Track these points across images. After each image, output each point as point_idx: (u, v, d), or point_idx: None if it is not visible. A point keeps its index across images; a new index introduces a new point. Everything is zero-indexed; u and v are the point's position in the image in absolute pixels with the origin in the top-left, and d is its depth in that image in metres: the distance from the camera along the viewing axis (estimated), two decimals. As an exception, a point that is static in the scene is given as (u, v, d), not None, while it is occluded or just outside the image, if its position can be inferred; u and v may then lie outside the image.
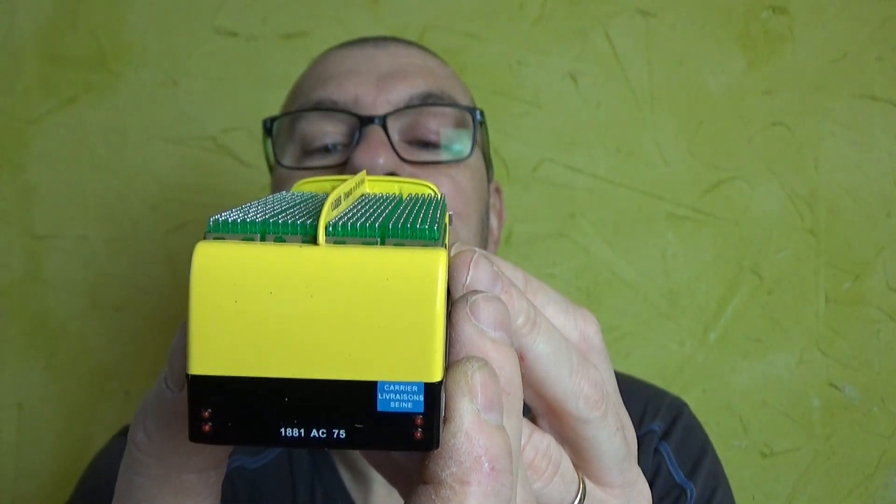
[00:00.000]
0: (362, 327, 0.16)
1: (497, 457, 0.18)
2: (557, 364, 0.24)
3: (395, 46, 0.61)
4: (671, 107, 0.88)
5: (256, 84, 0.89)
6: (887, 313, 0.86)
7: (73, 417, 0.88)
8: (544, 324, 0.24)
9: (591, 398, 0.24)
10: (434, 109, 0.56)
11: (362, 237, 0.17)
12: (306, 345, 0.16)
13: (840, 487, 0.86)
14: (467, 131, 0.57)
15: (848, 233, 0.87)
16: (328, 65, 0.59)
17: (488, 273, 0.23)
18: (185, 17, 0.89)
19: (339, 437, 0.17)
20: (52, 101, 0.89)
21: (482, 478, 0.18)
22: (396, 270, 0.16)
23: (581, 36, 0.88)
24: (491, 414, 0.19)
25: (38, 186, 0.89)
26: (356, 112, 0.55)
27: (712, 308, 0.88)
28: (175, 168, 0.89)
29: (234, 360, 0.17)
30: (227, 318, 0.16)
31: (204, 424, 0.17)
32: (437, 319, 0.17)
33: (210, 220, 0.17)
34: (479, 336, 0.20)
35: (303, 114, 0.57)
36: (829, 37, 0.87)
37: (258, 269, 0.16)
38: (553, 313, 0.26)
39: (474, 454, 0.18)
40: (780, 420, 0.87)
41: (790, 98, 0.87)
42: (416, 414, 0.17)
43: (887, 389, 0.86)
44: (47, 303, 0.89)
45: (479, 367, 0.19)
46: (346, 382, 0.16)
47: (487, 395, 0.19)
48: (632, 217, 0.88)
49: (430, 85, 0.57)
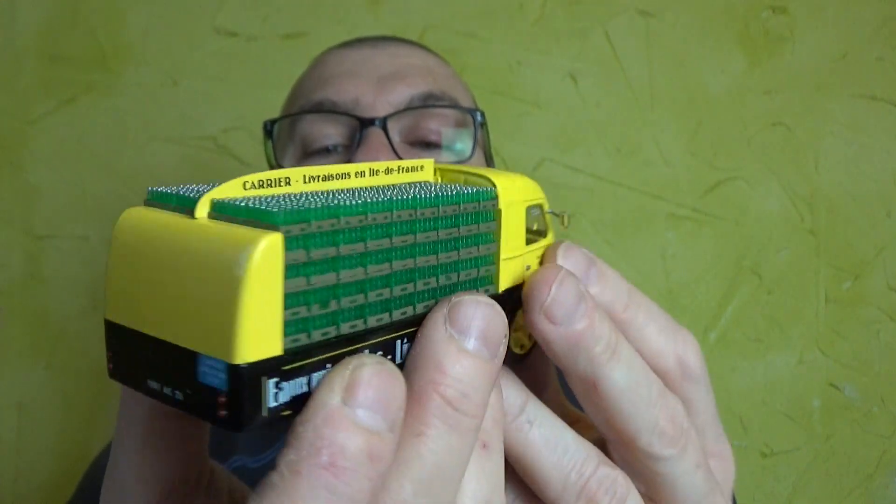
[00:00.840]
0: (196, 299, 0.17)
1: (345, 454, 0.17)
2: (633, 397, 0.23)
3: (395, 46, 0.61)
4: (671, 107, 0.88)
5: (256, 84, 0.89)
6: (887, 313, 0.86)
7: (73, 417, 0.88)
8: (625, 353, 0.23)
9: (667, 435, 0.23)
10: (435, 111, 0.56)
11: (230, 215, 0.18)
12: (161, 308, 0.18)
13: (840, 487, 0.86)
14: (468, 132, 0.57)
15: (848, 233, 0.87)
16: (328, 65, 0.59)
17: (572, 294, 0.22)
18: (185, 17, 0.89)
19: (178, 399, 0.18)
20: (52, 101, 0.89)
21: (315, 470, 0.17)
22: (220, 248, 0.17)
23: (581, 36, 0.88)
24: (362, 412, 0.17)
25: (38, 186, 0.89)
26: (356, 114, 0.55)
27: (712, 308, 0.88)
28: (175, 168, 0.89)
29: (126, 312, 0.19)
30: (125, 274, 0.19)
31: (110, 363, 0.19)
32: (242, 301, 0.16)
33: (149, 189, 0.19)
34: (443, 341, 0.19)
35: (303, 115, 0.57)
36: (829, 37, 0.87)
37: (146, 234, 0.18)
38: (652, 334, 0.25)
39: (315, 445, 0.17)
40: (780, 420, 0.87)
41: (790, 98, 0.87)
42: (220, 391, 0.17)
43: (887, 389, 0.86)
44: (47, 303, 0.89)
45: (369, 363, 0.18)
46: (182, 349, 0.17)
47: (367, 393, 0.17)
48: (632, 217, 0.88)
49: (430, 86, 0.57)
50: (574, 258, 0.24)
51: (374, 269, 0.20)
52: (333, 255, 0.19)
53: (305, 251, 0.18)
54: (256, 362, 0.17)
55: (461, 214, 0.22)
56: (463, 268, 0.22)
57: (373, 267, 0.20)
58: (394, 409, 0.18)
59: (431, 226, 0.21)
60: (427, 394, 0.19)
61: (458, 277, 0.22)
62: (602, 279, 0.24)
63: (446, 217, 0.21)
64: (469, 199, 0.22)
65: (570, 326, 0.22)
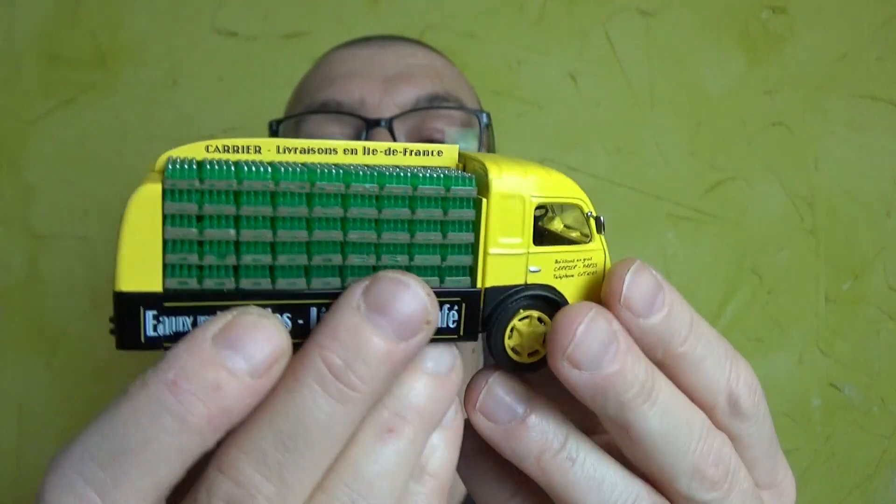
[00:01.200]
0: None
1: (188, 378, 0.18)
2: (670, 442, 0.22)
3: (401, 46, 0.60)
4: (671, 107, 0.88)
5: (256, 84, 0.88)
6: (887, 313, 0.86)
7: (73, 418, 0.88)
8: (663, 395, 0.22)
9: (709, 478, 0.22)
10: (440, 112, 0.56)
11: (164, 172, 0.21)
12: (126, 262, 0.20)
13: (840, 487, 0.86)
14: (473, 133, 0.57)
15: (848, 233, 0.87)
16: (333, 65, 0.59)
17: (600, 337, 0.21)
18: (184, 17, 0.89)
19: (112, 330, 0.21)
20: (52, 101, 0.89)
21: (158, 386, 0.19)
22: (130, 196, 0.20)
23: (581, 36, 0.88)
24: (225, 351, 0.19)
25: (38, 186, 0.89)
26: (362, 114, 0.55)
27: (712, 308, 0.88)
28: (175, 168, 0.89)
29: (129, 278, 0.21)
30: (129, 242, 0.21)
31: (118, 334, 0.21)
32: (121, 238, 0.20)
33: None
34: (348, 310, 0.19)
35: (308, 116, 0.57)
36: (829, 37, 0.87)
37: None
38: (706, 368, 0.23)
39: (168, 364, 0.19)
40: (780, 420, 0.87)
41: (790, 98, 0.88)
42: (112, 315, 0.21)
43: (887, 389, 0.86)
44: (47, 303, 0.89)
45: (253, 314, 0.19)
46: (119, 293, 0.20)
47: (236, 334, 0.19)
48: (632, 217, 0.88)
49: (436, 87, 0.56)
50: (642, 284, 0.23)
51: (287, 234, 0.21)
52: (232, 214, 0.20)
53: (197, 205, 0.20)
54: (133, 293, 0.20)
55: (417, 198, 0.22)
56: (421, 252, 0.22)
57: (284, 232, 0.21)
58: (259, 356, 0.19)
59: (369, 203, 0.21)
60: (310, 355, 0.19)
61: (411, 261, 0.22)
62: (666, 310, 0.23)
63: (395, 198, 0.21)
64: (429, 183, 0.22)
65: (597, 371, 0.21)
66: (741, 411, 0.24)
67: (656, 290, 0.23)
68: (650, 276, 0.23)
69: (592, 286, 0.24)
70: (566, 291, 0.24)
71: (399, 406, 0.21)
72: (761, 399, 0.24)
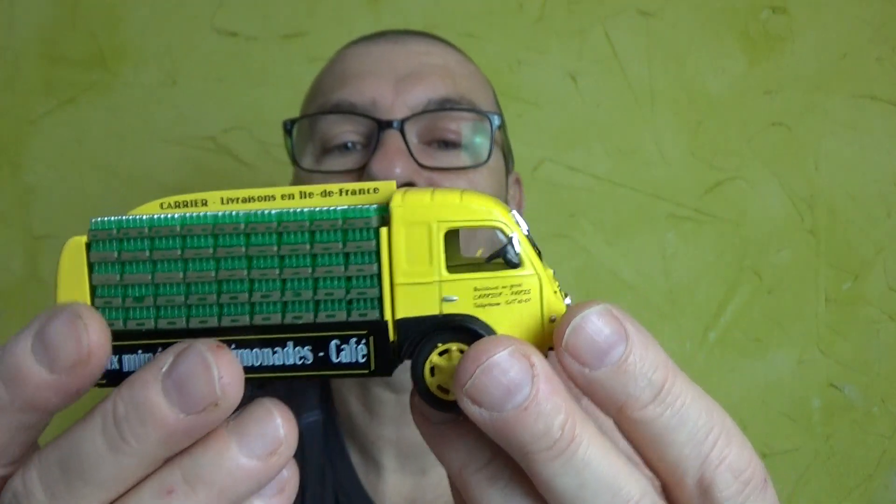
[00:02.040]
0: None
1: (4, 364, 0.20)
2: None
3: (415, 43, 0.60)
4: (671, 107, 0.88)
5: (256, 84, 0.88)
6: (887, 313, 0.86)
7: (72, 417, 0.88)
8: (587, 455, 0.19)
9: None
10: (451, 114, 0.56)
11: None
12: None
13: (840, 487, 0.86)
14: (485, 133, 0.57)
15: (848, 233, 0.87)
16: (347, 63, 0.59)
17: (606, 333, 0.19)
18: (184, 17, 0.89)
19: None
20: (52, 101, 0.89)
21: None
22: None
23: (581, 36, 0.88)
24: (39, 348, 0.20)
25: (38, 186, 0.89)
26: (374, 115, 0.55)
27: (712, 308, 0.88)
28: (175, 168, 0.89)
29: None
30: None
31: None
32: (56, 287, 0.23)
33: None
34: (150, 371, 0.20)
35: (322, 116, 0.57)
36: (829, 37, 0.87)
37: None
38: (676, 443, 0.20)
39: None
40: (780, 420, 0.87)
41: (790, 98, 0.87)
42: None
43: (887, 389, 0.86)
44: (47, 303, 0.88)
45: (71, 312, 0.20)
46: None
47: (51, 336, 0.20)
48: (632, 217, 0.88)
49: (448, 88, 0.57)
50: (594, 330, 0.20)
51: (195, 275, 0.22)
52: (145, 259, 0.22)
53: (116, 253, 0.22)
54: None
55: (315, 231, 0.22)
56: (325, 285, 0.22)
57: (193, 273, 0.22)
58: (65, 354, 0.20)
59: (267, 241, 0.22)
60: (111, 394, 0.21)
61: (313, 295, 0.22)
62: (619, 366, 0.20)
63: (292, 233, 0.22)
64: (325, 217, 0.22)
65: (497, 414, 0.19)
66: (713, 502, 0.20)
67: (614, 341, 0.20)
68: (611, 324, 0.20)
69: (531, 315, 0.22)
70: (493, 321, 0.22)
71: (190, 472, 0.20)
72: (756, 490, 0.21)
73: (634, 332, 0.20)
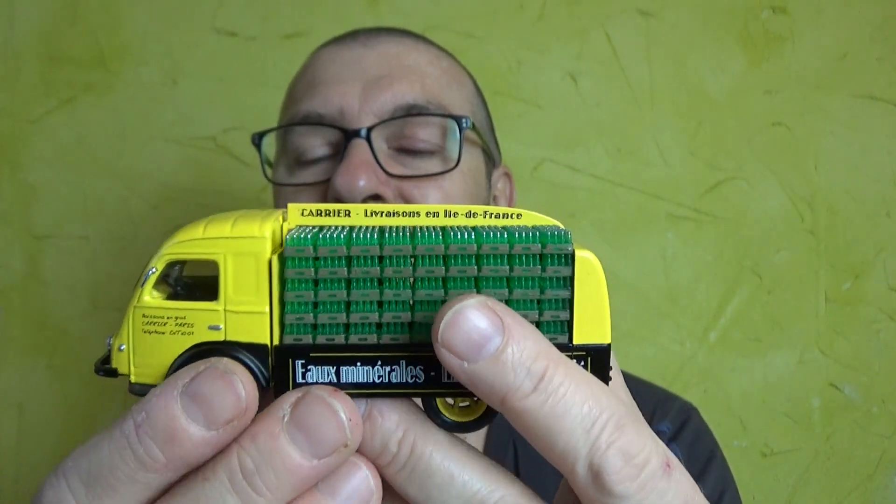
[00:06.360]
0: None
1: (152, 426, 0.20)
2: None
3: (387, 44, 0.59)
4: (671, 107, 0.88)
5: (256, 84, 0.88)
6: (887, 313, 0.86)
7: (73, 417, 0.88)
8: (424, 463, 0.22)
9: None
10: (419, 119, 0.56)
11: None
12: None
13: (840, 487, 0.86)
14: (455, 136, 0.56)
15: (848, 233, 0.87)
16: (317, 69, 0.59)
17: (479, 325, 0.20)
18: (184, 17, 0.89)
19: None
20: (52, 101, 0.89)
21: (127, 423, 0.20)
22: None
23: (581, 36, 0.88)
24: (189, 405, 0.20)
25: (38, 186, 0.89)
26: (341, 125, 0.55)
27: (712, 308, 0.88)
28: (175, 168, 0.89)
29: None
30: None
31: None
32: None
33: None
34: (278, 427, 0.20)
35: (292, 128, 0.58)
36: (829, 37, 0.87)
37: None
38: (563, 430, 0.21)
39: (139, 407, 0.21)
40: (780, 420, 0.87)
41: (790, 98, 0.88)
42: None
43: (887, 389, 0.86)
44: (48, 303, 0.89)
45: (222, 368, 0.21)
46: None
47: (203, 394, 0.20)
48: (632, 217, 0.88)
49: (415, 94, 0.56)
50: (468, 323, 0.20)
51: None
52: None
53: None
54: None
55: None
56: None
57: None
58: (219, 411, 0.20)
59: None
60: (230, 451, 0.21)
61: None
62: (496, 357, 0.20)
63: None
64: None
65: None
66: (606, 487, 0.20)
67: (489, 333, 0.20)
68: (486, 316, 0.20)
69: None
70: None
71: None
72: (655, 475, 0.20)
73: (512, 323, 0.20)
